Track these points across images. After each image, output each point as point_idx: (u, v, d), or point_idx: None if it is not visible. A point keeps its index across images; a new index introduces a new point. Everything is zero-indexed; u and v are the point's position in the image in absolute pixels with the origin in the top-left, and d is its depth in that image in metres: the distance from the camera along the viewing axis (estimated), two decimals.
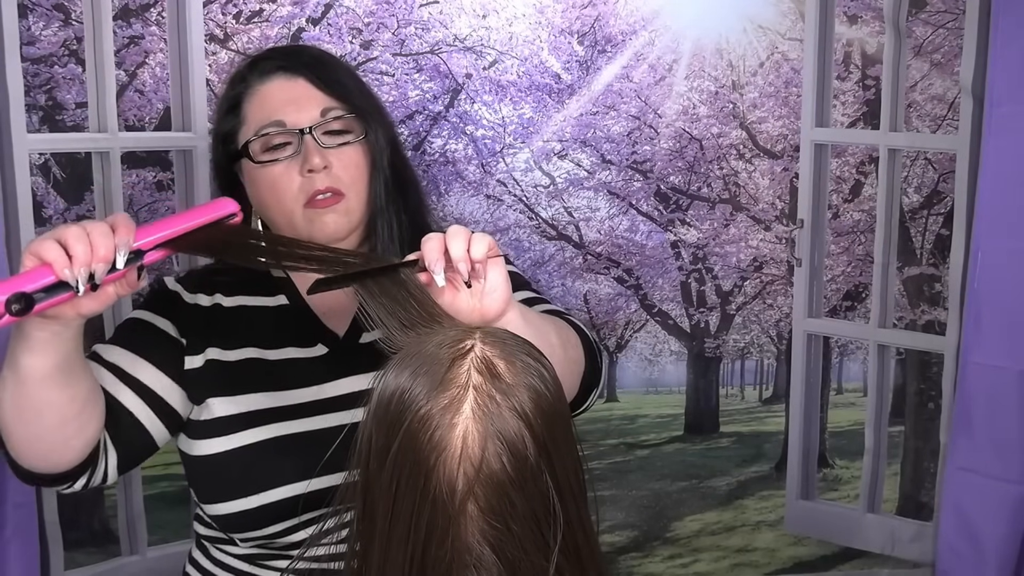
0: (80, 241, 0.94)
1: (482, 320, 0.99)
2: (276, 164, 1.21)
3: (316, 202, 1.20)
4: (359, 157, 1.23)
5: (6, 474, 1.69)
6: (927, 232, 2.19)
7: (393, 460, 0.80)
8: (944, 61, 2.10)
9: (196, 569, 1.31)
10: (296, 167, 1.20)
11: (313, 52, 1.33)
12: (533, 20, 2.10)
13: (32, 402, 1.02)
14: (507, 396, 0.80)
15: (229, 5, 1.95)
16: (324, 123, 1.22)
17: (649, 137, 2.18)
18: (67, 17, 1.84)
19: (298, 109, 1.22)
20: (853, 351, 2.29)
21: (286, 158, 1.21)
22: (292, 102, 1.22)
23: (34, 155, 1.83)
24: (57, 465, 1.10)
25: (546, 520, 0.80)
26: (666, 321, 2.26)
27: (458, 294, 0.99)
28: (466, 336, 0.84)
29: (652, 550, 2.30)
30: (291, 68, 1.25)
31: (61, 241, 0.94)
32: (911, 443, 2.25)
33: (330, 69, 1.27)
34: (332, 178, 1.20)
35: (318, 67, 1.26)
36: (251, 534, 1.20)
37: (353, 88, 1.27)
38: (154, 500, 2.01)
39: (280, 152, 1.22)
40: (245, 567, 1.25)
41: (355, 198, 1.22)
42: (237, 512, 1.18)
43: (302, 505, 1.16)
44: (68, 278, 0.93)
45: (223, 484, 1.19)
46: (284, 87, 1.24)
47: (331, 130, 1.22)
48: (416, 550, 0.80)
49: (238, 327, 1.26)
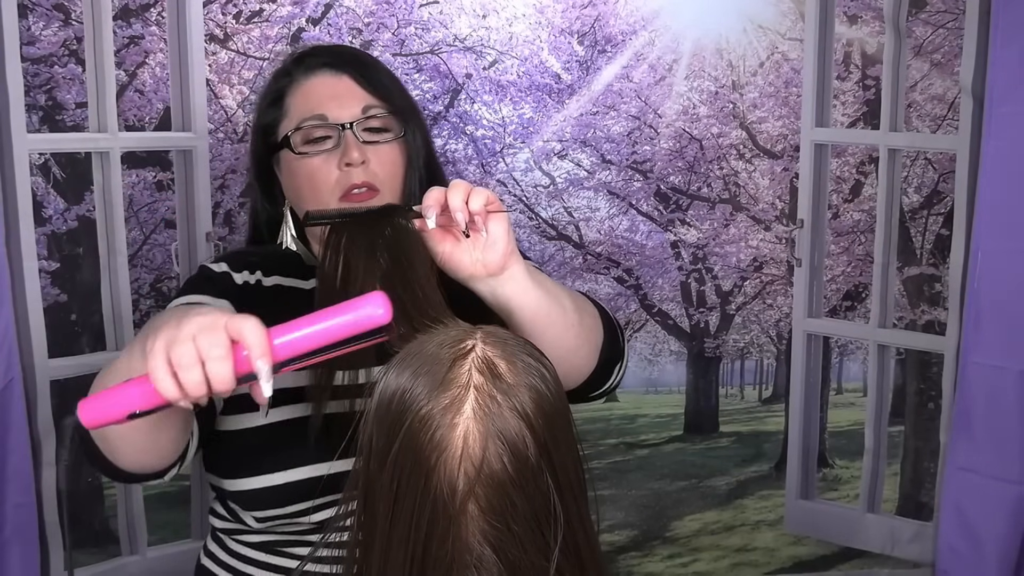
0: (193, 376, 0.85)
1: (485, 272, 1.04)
2: (315, 156, 1.25)
3: (351, 196, 1.24)
4: (396, 155, 1.27)
5: (6, 474, 1.69)
6: (927, 232, 2.19)
7: (394, 460, 0.80)
8: (944, 61, 2.10)
9: (212, 561, 1.31)
10: (335, 160, 1.24)
11: (358, 52, 1.41)
12: (533, 20, 2.10)
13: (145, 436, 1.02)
14: (508, 396, 0.80)
15: (229, 5, 1.95)
16: (365, 120, 1.26)
17: (649, 137, 2.18)
18: (67, 17, 1.84)
19: (340, 105, 1.26)
20: (853, 351, 2.29)
21: (325, 151, 1.25)
22: (335, 97, 1.27)
23: (34, 155, 1.82)
24: (156, 468, 1.11)
25: (546, 520, 0.80)
26: (666, 321, 2.26)
27: (459, 245, 1.06)
28: (467, 336, 0.84)
29: (652, 550, 2.30)
30: (336, 65, 1.30)
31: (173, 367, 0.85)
32: (911, 443, 2.25)
33: (373, 69, 1.33)
34: (368, 173, 1.24)
35: (362, 66, 1.31)
36: (272, 512, 1.21)
37: (393, 89, 1.32)
38: (154, 500, 2.01)
39: (320, 145, 1.25)
40: (261, 556, 1.26)
41: (389, 194, 1.25)
42: (261, 488, 1.19)
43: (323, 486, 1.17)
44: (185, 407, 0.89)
45: (250, 459, 1.20)
46: (328, 83, 1.28)
47: (371, 127, 1.27)
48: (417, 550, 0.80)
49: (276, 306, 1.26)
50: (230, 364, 0.85)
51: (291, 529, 1.23)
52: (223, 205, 2.01)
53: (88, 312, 1.92)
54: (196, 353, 0.85)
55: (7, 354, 1.67)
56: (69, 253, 1.91)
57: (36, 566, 1.75)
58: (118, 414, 0.88)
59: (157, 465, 1.10)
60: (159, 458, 1.09)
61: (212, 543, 1.33)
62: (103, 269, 1.90)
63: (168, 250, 1.98)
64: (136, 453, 1.07)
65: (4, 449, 1.68)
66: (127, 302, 1.92)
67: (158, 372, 0.85)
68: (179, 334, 0.86)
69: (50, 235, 1.88)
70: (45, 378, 1.80)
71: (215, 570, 1.30)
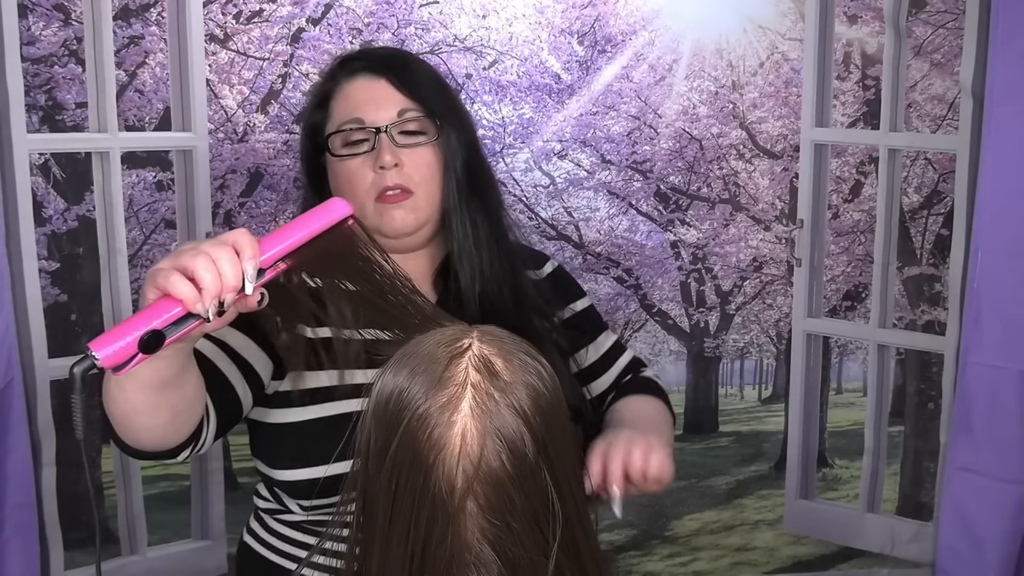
0: (208, 271, 0.91)
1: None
2: (353, 159, 1.28)
3: (386, 197, 1.26)
4: (431, 157, 1.28)
5: (6, 474, 1.69)
6: (927, 232, 2.19)
7: (392, 459, 0.80)
8: (944, 61, 2.10)
9: (253, 538, 1.36)
10: (371, 163, 1.27)
11: (399, 55, 1.40)
12: (533, 20, 2.10)
13: (149, 405, 1.02)
14: (505, 394, 0.80)
15: (229, 5, 1.95)
16: (400, 123, 1.27)
17: (649, 137, 2.18)
18: (67, 17, 1.84)
19: (376, 108, 1.28)
20: (853, 351, 2.29)
21: (362, 154, 1.27)
22: (372, 101, 1.28)
23: (34, 155, 1.83)
24: (167, 445, 1.10)
25: (545, 517, 0.80)
26: (666, 321, 2.26)
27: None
28: (463, 335, 0.84)
29: (651, 549, 2.30)
30: (374, 68, 1.31)
31: (187, 272, 0.91)
32: (911, 443, 2.25)
33: (412, 72, 1.32)
34: (402, 176, 1.26)
35: (400, 69, 1.31)
36: (318, 501, 1.24)
37: (432, 92, 1.32)
38: (154, 500, 2.02)
39: (358, 148, 1.28)
40: (298, 535, 1.31)
41: (424, 196, 1.28)
42: (306, 479, 1.23)
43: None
44: (200, 311, 0.91)
45: (296, 452, 1.24)
46: (366, 86, 1.30)
47: (407, 130, 1.28)
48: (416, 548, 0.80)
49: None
50: (238, 264, 0.92)
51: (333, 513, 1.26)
52: (223, 205, 2.01)
53: (88, 312, 1.92)
54: (209, 260, 0.91)
55: (7, 354, 1.67)
56: (69, 253, 1.91)
57: (36, 566, 1.75)
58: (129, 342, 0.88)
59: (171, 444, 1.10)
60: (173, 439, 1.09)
61: (255, 522, 1.37)
62: (103, 269, 1.90)
63: (168, 250, 1.98)
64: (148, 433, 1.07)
65: (4, 449, 1.68)
66: (127, 302, 1.91)
67: (169, 277, 0.90)
68: (184, 250, 0.92)
69: (50, 235, 1.88)
70: (45, 378, 1.80)
71: (256, 547, 1.35)
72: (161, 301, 0.90)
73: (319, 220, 1.00)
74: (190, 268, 0.90)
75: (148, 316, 0.89)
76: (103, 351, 0.88)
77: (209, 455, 2.03)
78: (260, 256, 0.94)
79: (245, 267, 0.93)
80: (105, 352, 0.88)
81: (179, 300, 0.90)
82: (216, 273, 0.91)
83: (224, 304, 0.92)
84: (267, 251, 0.95)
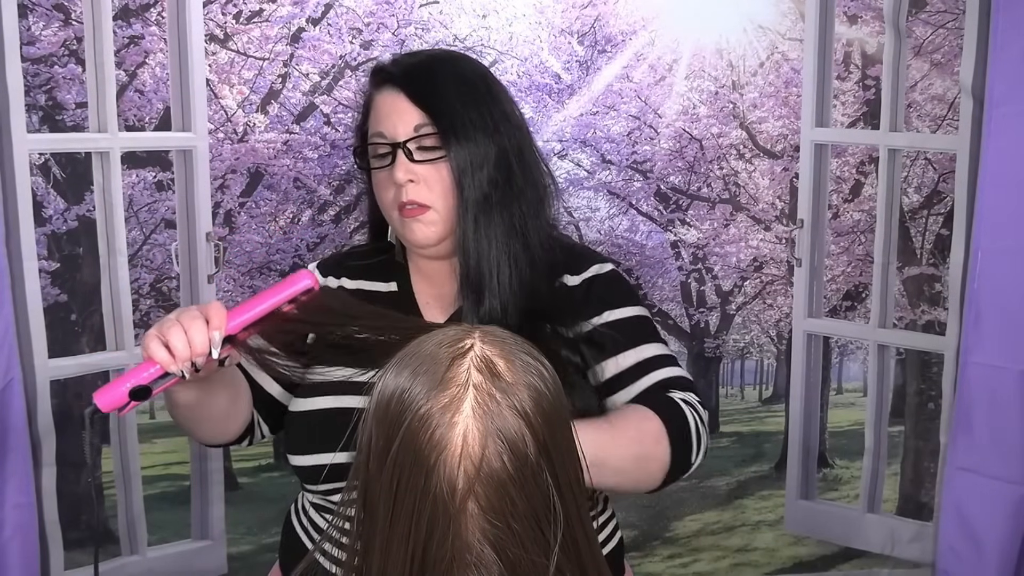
0: (180, 340, 1.11)
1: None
2: (380, 171, 1.30)
3: (405, 211, 1.28)
4: (444, 174, 1.27)
5: (6, 474, 1.69)
6: (927, 232, 2.19)
7: (393, 459, 0.80)
8: (944, 61, 2.10)
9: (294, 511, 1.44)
10: (392, 177, 1.28)
11: (425, 64, 1.32)
12: (533, 20, 2.10)
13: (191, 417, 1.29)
14: (507, 395, 0.80)
15: (229, 5, 1.95)
16: (417, 138, 1.27)
17: (649, 137, 2.18)
18: (67, 17, 1.84)
19: (396, 123, 1.28)
20: (853, 351, 2.29)
21: (387, 167, 1.29)
22: (392, 115, 1.28)
23: (34, 155, 1.83)
24: (224, 440, 1.37)
25: (546, 518, 0.80)
26: (666, 321, 2.26)
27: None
28: (465, 335, 0.84)
29: (652, 550, 2.29)
30: (395, 80, 1.29)
31: (164, 340, 1.11)
32: (911, 443, 2.25)
33: (435, 84, 1.29)
34: (419, 191, 1.27)
35: (418, 80, 1.29)
36: (325, 487, 1.29)
37: (454, 104, 1.27)
38: (154, 500, 2.02)
39: (383, 160, 1.29)
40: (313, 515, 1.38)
41: (442, 211, 1.28)
42: (311, 466, 1.29)
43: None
44: (175, 371, 1.12)
45: (304, 439, 1.31)
46: (388, 100, 1.29)
47: (424, 146, 1.27)
48: (417, 549, 0.80)
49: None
50: (205, 332, 1.12)
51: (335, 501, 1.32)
52: (223, 205, 2.01)
53: (88, 312, 1.92)
54: (180, 325, 1.12)
55: (7, 354, 1.67)
56: (69, 253, 1.91)
57: (36, 566, 1.75)
58: (121, 392, 1.11)
59: (227, 438, 1.36)
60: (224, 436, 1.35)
61: (300, 497, 1.43)
62: (103, 269, 1.90)
63: (168, 250, 1.98)
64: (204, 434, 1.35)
65: (4, 449, 1.68)
66: (127, 302, 1.92)
67: (151, 343, 1.12)
68: (167, 319, 1.14)
69: (50, 235, 1.88)
70: (45, 378, 1.80)
71: (293, 519, 1.43)
72: (149, 361, 1.13)
73: (283, 291, 1.17)
74: (166, 337, 1.11)
75: (137, 372, 1.13)
76: (101, 400, 1.11)
77: (209, 455, 2.03)
78: (226, 325, 1.13)
79: (212, 336, 1.12)
80: (102, 401, 1.11)
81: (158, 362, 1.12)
82: (186, 342, 1.11)
83: (196, 365, 1.13)
84: (234, 319, 1.14)
